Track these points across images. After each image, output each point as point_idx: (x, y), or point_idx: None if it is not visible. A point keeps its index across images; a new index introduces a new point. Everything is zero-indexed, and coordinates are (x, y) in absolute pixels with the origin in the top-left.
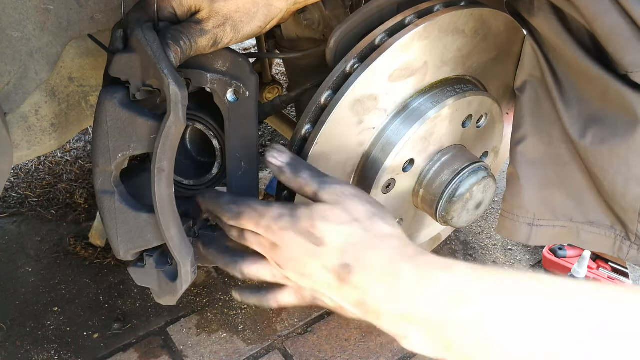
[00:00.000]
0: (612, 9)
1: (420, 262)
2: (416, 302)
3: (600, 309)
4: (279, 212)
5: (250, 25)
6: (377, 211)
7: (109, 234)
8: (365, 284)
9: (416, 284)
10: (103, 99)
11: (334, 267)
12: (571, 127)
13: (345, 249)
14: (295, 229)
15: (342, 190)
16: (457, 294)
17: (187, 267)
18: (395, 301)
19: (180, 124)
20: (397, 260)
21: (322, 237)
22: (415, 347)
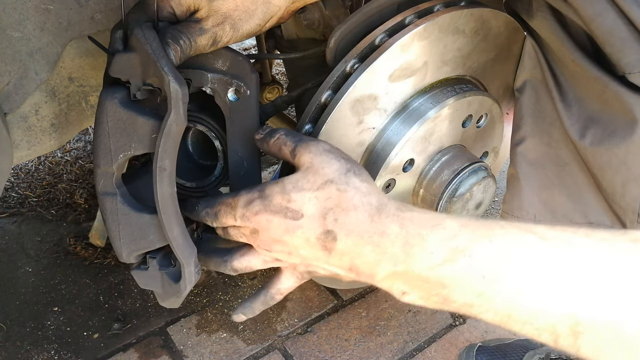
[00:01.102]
0: (610, 10)
1: (405, 220)
2: (408, 263)
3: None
4: (248, 198)
5: (249, 23)
6: (352, 166)
7: (112, 236)
8: (352, 249)
9: (405, 244)
10: (103, 99)
11: (317, 236)
12: (571, 128)
13: (325, 214)
14: (269, 210)
15: (317, 147)
16: (450, 253)
17: (191, 268)
18: (386, 262)
19: (182, 122)
20: (379, 219)
21: (299, 209)
22: (414, 302)
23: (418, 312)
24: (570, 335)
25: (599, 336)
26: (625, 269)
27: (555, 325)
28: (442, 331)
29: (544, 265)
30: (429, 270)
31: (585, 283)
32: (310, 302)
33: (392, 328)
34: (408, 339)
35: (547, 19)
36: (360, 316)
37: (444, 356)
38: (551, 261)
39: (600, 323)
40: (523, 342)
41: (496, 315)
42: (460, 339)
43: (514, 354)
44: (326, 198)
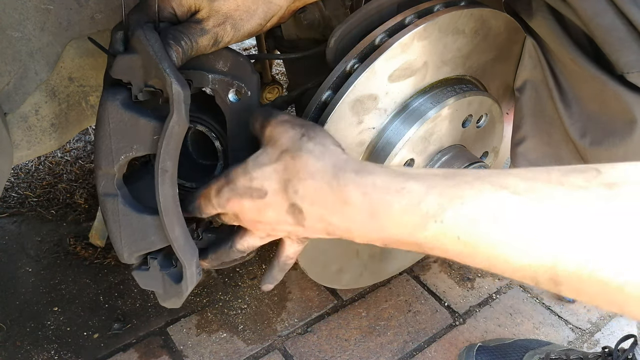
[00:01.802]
0: (609, 10)
1: (367, 187)
2: (379, 230)
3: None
4: (217, 186)
5: (250, 23)
6: (306, 131)
7: (113, 237)
8: (320, 218)
9: (371, 213)
10: (105, 101)
11: (286, 211)
12: (571, 127)
13: (285, 187)
14: (237, 194)
15: (275, 119)
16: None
17: (192, 268)
18: (358, 229)
19: (184, 124)
20: (339, 188)
21: (262, 186)
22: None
23: (418, 312)
24: (552, 284)
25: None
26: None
27: (536, 275)
28: (442, 331)
29: (518, 222)
30: (402, 235)
31: (561, 234)
32: (310, 302)
33: (392, 328)
34: (408, 339)
35: (546, 19)
36: (360, 316)
37: (444, 356)
38: (525, 217)
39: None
40: (523, 342)
41: (478, 265)
42: (460, 339)
43: (514, 354)
44: (283, 169)
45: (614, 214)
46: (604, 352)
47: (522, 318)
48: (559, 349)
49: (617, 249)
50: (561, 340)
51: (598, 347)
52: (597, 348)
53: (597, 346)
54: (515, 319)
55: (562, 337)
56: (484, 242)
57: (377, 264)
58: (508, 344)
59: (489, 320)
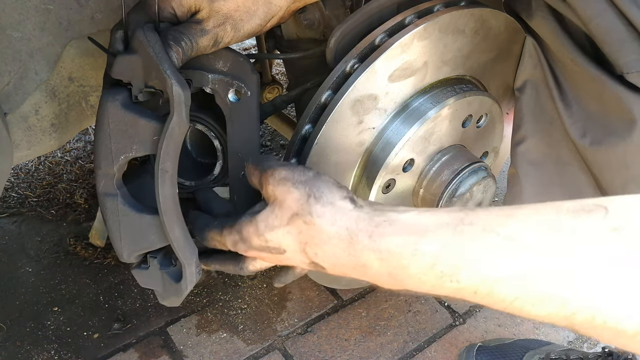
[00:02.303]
0: (608, 10)
1: (382, 253)
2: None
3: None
4: (232, 240)
5: (250, 24)
6: (310, 190)
7: (112, 237)
8: (339, 271)
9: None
10: (105, 101)
11: (308, 265)
12: (571, 127)
13: (304, 249)
14: (254, 249)
15: (273, 177)
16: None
17: (192, 268)
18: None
19: (184, 125)
20: (355, 252)
21: (279, 246)
22: None
23: (418, 312)
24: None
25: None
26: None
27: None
28: (442, 331)
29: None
30: (422, 290)
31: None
32: (310, 302)
33: (392, 328)
34: (408, 339)
35: (546, 19)
36: (360, 316)
37: (444, 356)
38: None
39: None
40: (523, 342)
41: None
42: (460, 339)
43: (514, 354)
44: (298, 232)
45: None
46: (604, 352)
47: (522, 318)
48: (559, 349)
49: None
50: (561, 340)
51: (598, 347)
52: (597, 348)
53: (597, 346)
54: (515, 319)
55: (562, 337)
56: (501, 297)
57: None
58: (508, 344)
59: (489, 320)
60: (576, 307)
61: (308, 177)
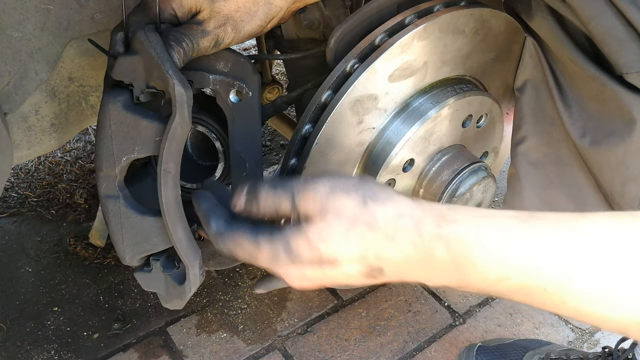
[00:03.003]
0: (607, 10)
1: (450, 241)
2: (461, 279)
3: None
4: (272, 253)
5: (251, 25)
6: (366, 192)
7: (114, 240)
8: (401, 274)
9: (454, 265)
10: (106, 102)
11: (362, 273)
12: (571, 127)
13: (364, 255)
14: (299, 263)
15: (316, 191)
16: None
17: (196, 270)
18: (439, 279)
19: (186, 125)
20: (422, 243)
21: (334, 258)
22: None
23: (418, 312)
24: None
25: None
26: None
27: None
28: (442, 331)
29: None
30: (485, 286)
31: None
32: (310, 302)
33: (392, 328)
34: (408, 339)
35: (546, 19)
36: (360, 316)
37: (444, 356)
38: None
39: None
40: (523, 342)
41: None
42: (460, 339)
43: (514, 354)
44: (359, 238)
45: None
46: (604, 352)
47: (522, 318)
48: (559, 349)
49: None
50: (561, 340)
51: (598, 347)
52: (597, 348)
53: (597, 346)
54: (515, 319)
55: (562, 337)
56: (573, 295)
57: None
58: (508, 344)
59: (489, 320)
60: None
61: (355, 182)
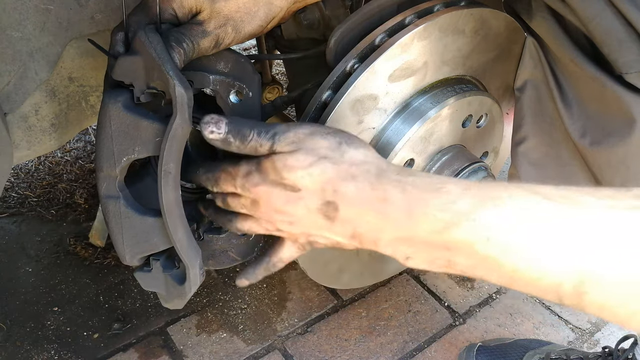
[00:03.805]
0: (607, 11)
1: (407, 185)
2: (411, 228)
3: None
4: (247, 169)
5: (251, 25)
6: (342, 139)
7: (114, 240)
8: (354, 217)
9: (407, 209)
10: (106, 103)
11: (318, 207)
12: (571, 127)
13: (323, 188)
14: (267, 182)
15: (297, 134)
16: (454, 217)
17: (196, 270)
18: (390, 228)
19: (187, 126)
20: (380, 186)
21: (295, 184)
22: (418, 266)
23: (418, 312)
24: (575, 295)
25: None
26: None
27: (560, 285)
28: (442, 331)
29: (548, 226)
30: (433, 234)
31: (590, 241)
32: (310, 302)
33: (392, 328)
34: (408, 339)
35: (546, 19)
36: (360, 316)
37: (444, 356)
38: (555, 221)
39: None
40: (523, 342)
41: (500, 277)
42: (460, 339)
43: (514, 354)
44: (321, 172)
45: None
46: (604, 352)
47: (522, 318)
48: (559, 349)
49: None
50: (561, 340)
51: (598, 347)
52: (597, 348)
53: (597, 346)
54: (515, 319)
55: (562, 337)
56: (512, 243)
57: (377, 264)
58: (508, 344)
59: (489, 320)
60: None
61: (335, 130)
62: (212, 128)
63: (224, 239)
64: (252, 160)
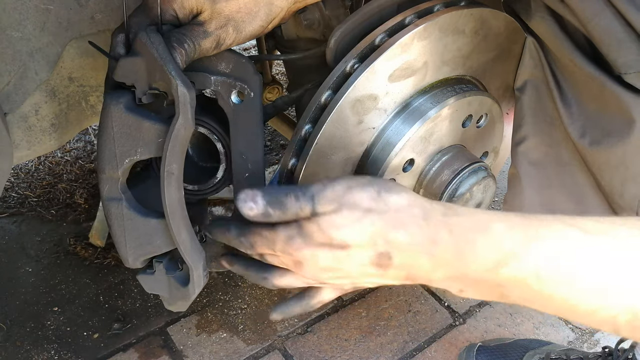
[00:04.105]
0: (606, 11)
1: (453, 227)
2: (462, 267)
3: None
4: (288, 234)
5: (252, 25)
6: (380, 187)
7: (117, 242)
8: (408, 261)
9: (456, 250)
10: (108, 104)
11: (371, 260)
12: (571, 127)
13: (374, 240)
14: (312, 245)
15: (334, 191)
16: (502, 257)
17: (200, 271)
18: (441, 269)
19: (190, 126)
20: (429, 228)
21: (344, 242)
22: (473, 297)
23: (418, 312)
24: (630, 329)
25: None
26: None
27: (615, 317)
28: (442, 331)
29: (595, 261)
30: (484, 273)
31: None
32: None
33: (392, 328)
34: (408, 339)
35: (545, 19)
36: (360, 316)
37: (444, 356)
38: (601, 255)
39: None
40: (523, 342)
41: (557, 311)
42: (460, 339)
43: (514, 354)
44: (370, 225)
45: None
46: (604, 352)
47: (522, 318)
48: (559, 349)
49: None
50: (561, 340)
51: (598, 347)
52: (597, 348)
53: (597, 346)
54: (515, 319)
55: (562, 337)
56: (562, 280)
57: None
58: (508, 344)
59: (489, 320)
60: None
61: (369, 179)
62: (250, 204)
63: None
64: (292, 225)
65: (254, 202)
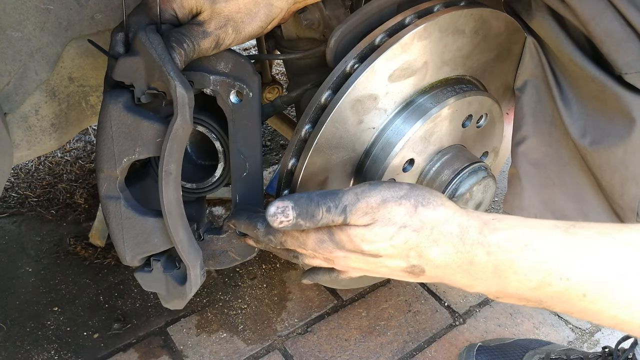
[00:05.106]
0: (607, 11)
1: (491, 247)
2: (501, 284)
3: None
4: (319, 238)
5: (251, 26)
6: (417, 200)
7: (115, 240)
8: (442, 275)
9: (495, 271)
10: (107, 103)
11: (403, 269)
12: (571, 127)
13: (407, 254)
14: (343, 250)
15: (368, 204)
16: (545, 277)
17: (197, 270)
18: (479, 284)
19: (188, 126)
20: (464, 249)
21: (377, 254)
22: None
23: (418, 312)
24: None
25: None
26: None
27: None
28: (442, 331)
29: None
30: (525, 291)
31: None
32: (310, 302)
33: (392, 328)
34: (408, 339)
35: (545, 19)
36: (360, 316)
37: (444, 356)
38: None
39: None
40: (523, 342)
41: (601, 323)
42: (460, 339)
43: (514, 354)
44: (404, 241)
45: None
46: (604, 352)
47: (522, 318)
48: (559, 349)
49: None
50: (561, 340)
51: (598, 347)
52: (597, 348)
53: (597, 346)
54: (515, 319)
55: (562, 337)
56: (610, 300)
57: None
58: (508, 343)
59: (489, 320)
60: None
61: (406, 191)
62: (280, 219)
63: (225, 239)
64: (323, 229)
65: (284, 216)
